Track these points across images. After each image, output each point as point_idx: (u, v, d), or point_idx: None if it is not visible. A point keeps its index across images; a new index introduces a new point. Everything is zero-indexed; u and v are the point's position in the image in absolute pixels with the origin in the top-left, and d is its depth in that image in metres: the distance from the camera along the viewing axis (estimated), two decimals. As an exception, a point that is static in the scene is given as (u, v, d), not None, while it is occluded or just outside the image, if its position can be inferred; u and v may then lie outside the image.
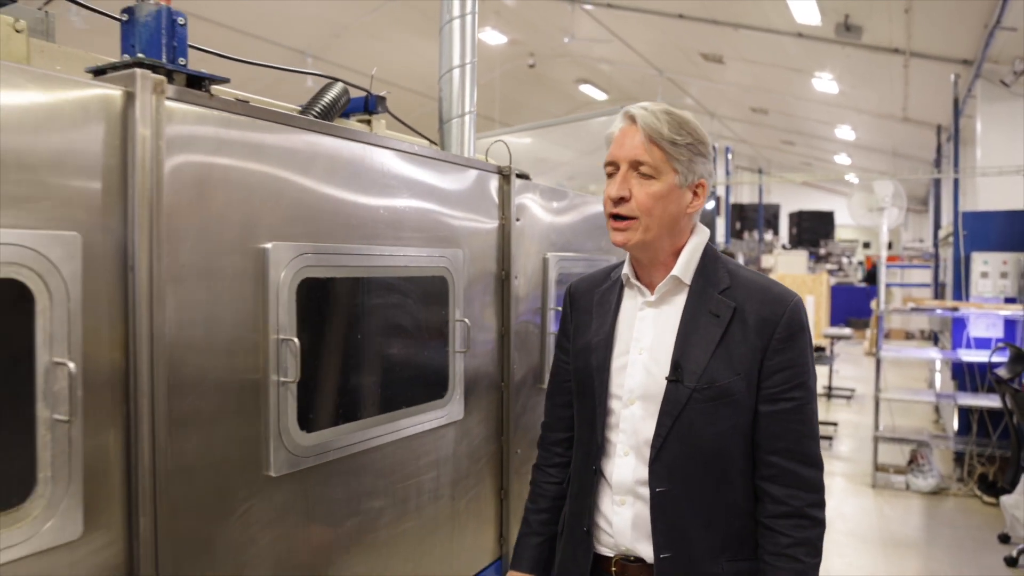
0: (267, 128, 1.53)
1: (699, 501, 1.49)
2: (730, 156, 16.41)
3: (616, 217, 1.51)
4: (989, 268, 6.27)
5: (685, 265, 1.54)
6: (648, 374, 1.53)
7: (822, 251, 17.21)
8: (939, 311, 6.23)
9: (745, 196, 20.99)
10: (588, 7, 11.80)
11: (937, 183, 13.79)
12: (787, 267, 14.11)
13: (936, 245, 11.24)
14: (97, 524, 1.23)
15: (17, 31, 1.59)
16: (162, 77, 1.29)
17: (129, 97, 1.25)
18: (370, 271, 1.80)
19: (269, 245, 1.52)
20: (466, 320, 2.13)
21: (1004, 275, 6.20)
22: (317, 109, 2.08)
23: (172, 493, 1.32)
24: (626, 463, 1.54)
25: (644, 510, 1.51)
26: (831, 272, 16.59)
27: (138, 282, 1.25)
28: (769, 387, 1.48)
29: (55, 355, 1.15)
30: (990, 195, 9.38)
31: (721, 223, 13.10)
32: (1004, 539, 4.69)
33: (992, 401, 5.53)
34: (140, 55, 1.32)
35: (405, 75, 12.51)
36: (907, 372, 11.16)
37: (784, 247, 17.06)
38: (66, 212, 1.17)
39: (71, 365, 1.15)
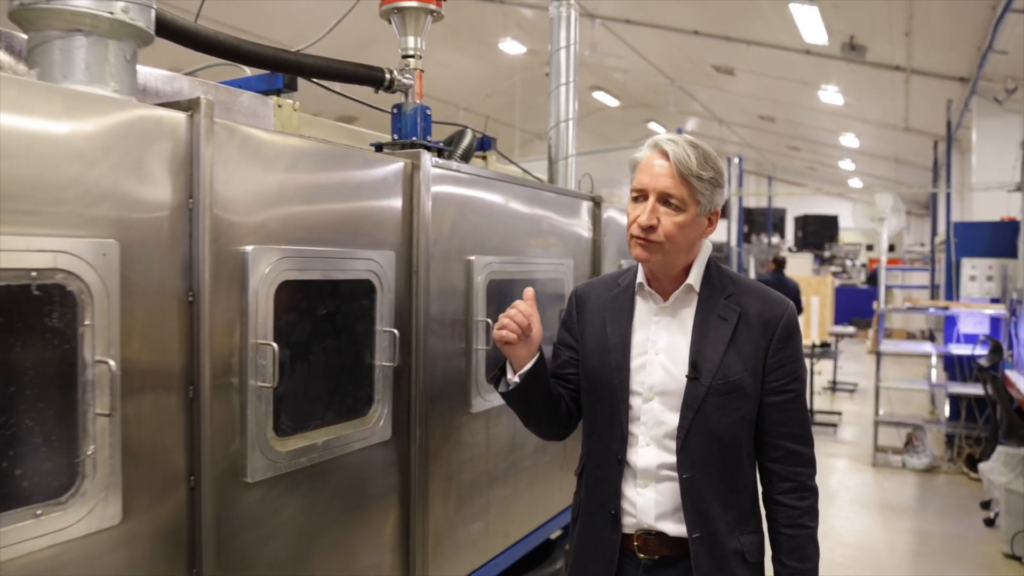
0: (470, 177, 2.29)
1: (717, 484, 1.65)
2: (743, 166, 17.07)
3: (640, 239, 1.64)
4: (977, 272, 7.06)
5: (696, 276, 1.70)
6: (666, 372, 1.67)
7: (827, 254, 17.92)
8: (932, 310, 7.01)
9: (752, 201, 21.75)
10: (607, 21, 12.49)
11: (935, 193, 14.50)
12: (793, 269, 14.79)
13: (933, 251, 12.00)
14: (396, 432, 1.99)
15: (294, 110, 2.35)
16: (426, 152, 2.05)
17: (415, 166, 2.01)
18: (523, 274, 2.57)
19: (473, 257, 2.28)
20: (576, 310, 2.89)
21: (990, 278, 6.98)
22: (461, 152, 2.83)
23: (428, 417, 2.09)
24: (649, 452, 1.67)
25: (665, 492, 1.67)
26: (835, 274, 17.31)
27: (420, 283, 2.01)
28: (772, 381, 1.67)
29: (384, 326, 1.91)
30: (983, 205, 10.17)
31: (733, 227, 13.81)
32: (985, 505, 5.44)
33: (979, 389, 6.29)
34: (415, 138, 2.09)
35: (429, 84, 13.21)
36: (907, 368, 11.88)
37: (790, 250, 17.77)
38: (388, 238, 1.94)
39: (396, 332, 1.91)
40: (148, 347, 1.35)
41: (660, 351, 1.69)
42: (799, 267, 15.16)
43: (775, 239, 18.35)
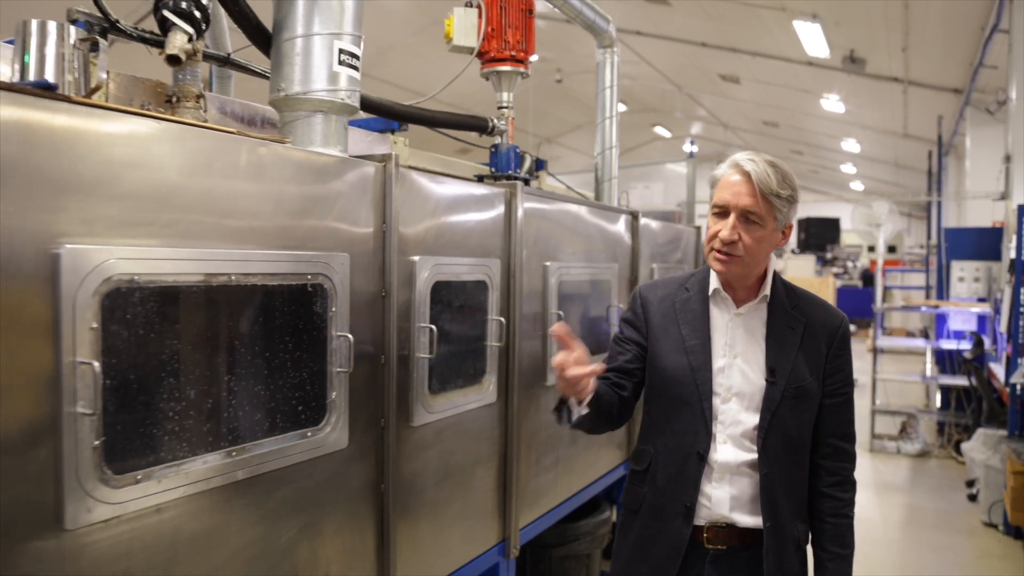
0: (548, 197, 2.90)
1: (787, 479, 1.79)
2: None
3: (722, 252, 1.75)
4: (965, 274, 7.69)
5: (769, 287, 1.83)
6: (743, 376, 1.79)
7: (828, 255, 18.49)
8: (924, 309, 7.63)
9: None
10: (618, 32, 13.05)
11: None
12: (796, 270, 15.37)
13: (927, 253, 12.63)
14: (499, 395, 2.60)
15: (405, 146, 2.96)
16: (520, 182, 2.67)
17: (512, 194, 2.63)
18: (582, 277, 3.18)
19: (548, 263, 2.90)
20: (621, 306, 3.51)
21: (977, 280, 7.62)
22: (525, 176, 3.44)
23: (519, 389, 2.70)
24: (727, 449, 1.78)
25: (739, 486, 1.78)
26: (837, 275, 17.89)
27: (516, 282, 2.63)
28: (830, 384, 1.82)
29: (493, 315, 2.53)
30: (979, 209, 10.80)
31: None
32: (970, 484, 6.04)
33: (966, 381, 6.90)
34: (510, 172, 2.70)
35: (444, 91, 13.80)
36: (906, 364, 12.49)
37: (793, 251, 18.35)
38: (494, 247, 2.56)
39: (501, 319, 2.53)
40: (361, 328, 1.97)
41: (737, 355, 1.80)
42: (801, 268, 15.72)
43: (778, 241, 18.91)
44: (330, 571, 1.90)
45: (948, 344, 7.44)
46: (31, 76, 1.53)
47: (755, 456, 1.77)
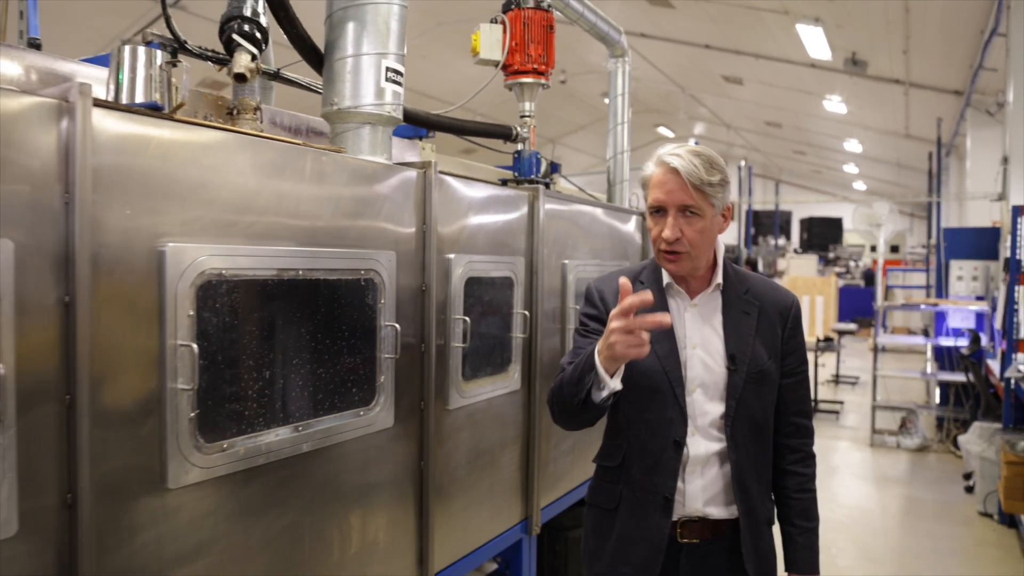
0: (566, 199, 3.11)
1: (755, 462, 1.82)
2: (751, 170, 17.80)
3: (668, 251, 1.74)
4: (963, 273, 7.89)
5: (720, 275, 1.83)
6: (705, 366, 1.79)
7: (831, 255, 18.68)
8: (923, 307, 7.83)
9: (759, 204, 22.58)
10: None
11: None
12: (798, 270, 15.56)
13: (928, 253, 12.83)
14: (523, 382, 2.81)
15: (432, 151, 3.17)
16: (542, 186, 2.87)
17: (535, 196, 2.83)
18: (597, 274, 3.39)
19: (566, 261, 3.10)
20: (634, 301, 3.72)
21: (975, 278, 7.82)
22: (545, 179, 3.64)
23: (540, 377, 2.90)
24: (696, 441, 1.78)
25: (710, 477, 1.79)
26: (839, 275, 18.08)
27: (538, 279, 2.84)
28: (787, 364, 1.86)
29: (518, 308, 2.73)
30: (979, 209, 10.99)
31: (741, 230, 14.56)
32: (967, 476, 6.24)
33: (964, 377, 7.10)
34: (532, 176, 2.90)
35: (448, 90, 14.03)
36: (907, 362, 12.67)
37: (796, 251, 18.55)
38: (518, 246, 2.76)
39: (526, 313, 2.74)
40: (405, 319, 2.17)
41: (696, 345, 1.81)
42: (804, 267, 15.91)
43: (781, 241, 19.12)
44: (378, 537, 2.11)
45: (947, 341, 7.65)
46: (124, 95, 1.74)
47: (724, 444, 1.79)
